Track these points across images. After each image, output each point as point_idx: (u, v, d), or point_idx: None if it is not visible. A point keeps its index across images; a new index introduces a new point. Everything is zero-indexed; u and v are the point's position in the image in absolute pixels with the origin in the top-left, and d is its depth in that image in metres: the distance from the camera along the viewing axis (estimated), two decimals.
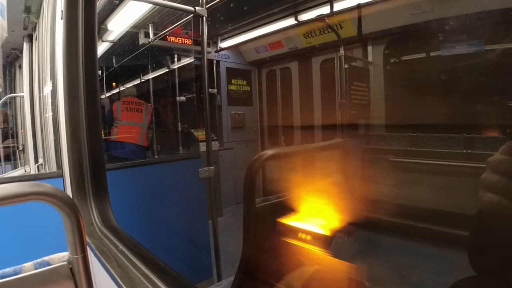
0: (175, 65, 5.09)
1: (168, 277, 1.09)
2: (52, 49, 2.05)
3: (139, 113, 4.71)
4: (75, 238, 0.65)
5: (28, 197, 0.58)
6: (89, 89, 1.67)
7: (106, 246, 1.38)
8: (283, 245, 1.02)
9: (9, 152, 5.03)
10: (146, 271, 1.13)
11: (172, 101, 5.20)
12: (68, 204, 0.62)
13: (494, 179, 0.54)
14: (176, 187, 2.72)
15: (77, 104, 1.66)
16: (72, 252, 0.67)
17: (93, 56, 1.71)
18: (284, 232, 1.11)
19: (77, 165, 1.66)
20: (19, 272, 0.63)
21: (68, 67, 1.66)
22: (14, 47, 4.45)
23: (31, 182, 0.60)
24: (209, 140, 2.59)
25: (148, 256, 1.25)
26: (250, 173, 0.92)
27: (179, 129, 4.91)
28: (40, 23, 3.20)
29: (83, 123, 1.66)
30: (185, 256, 2.73)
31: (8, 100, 5.04)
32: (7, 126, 5.38)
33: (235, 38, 5.24)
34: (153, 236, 2.43)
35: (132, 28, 4.27)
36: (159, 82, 5.61)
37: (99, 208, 1.63)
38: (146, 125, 4.78)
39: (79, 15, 1.64)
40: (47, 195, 0.60)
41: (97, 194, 1.67)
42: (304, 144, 2.81)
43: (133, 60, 5.21)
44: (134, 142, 4.62)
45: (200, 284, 2.68)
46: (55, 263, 0.67)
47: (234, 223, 4.79)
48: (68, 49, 1.65)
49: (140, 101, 4.82)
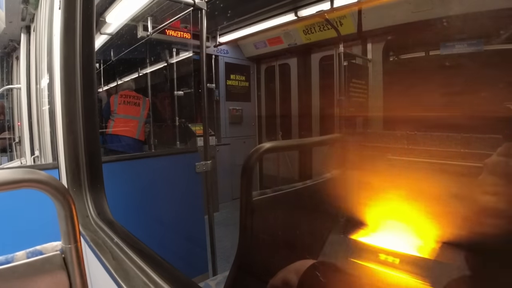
0: (174, 59, 5.06)
1: (163, 270, 1.08)
2: (49, 41, 2.04)
3: (137, 106, 4.69)
4: (68, 227, 0.64)
5: (22, 184, 0.57)
6: (86, 81, 1.66)
7: (101, 238, 1.37)
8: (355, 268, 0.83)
9: (5, 144, 5.01)
10: (141, 263, 1.12)
11: (170, 96, 5.18)
12: (62, 192, 0.61)
13: (492, 181, 0.53)
14: (173, 181, 2.71)
15: (73, 95, 1.64)
16: (65, 242, 0.66)
17: (91, 48, 1.70)
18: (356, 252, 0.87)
19: (73, 157, 1.65)
20: (11, 261, 0.62)
21: (65, 58, 1.64)
22: (12, 39, 4.41)
23: (25, 169, 0.59)
24: (206, 134, 2.58)
25: (143, 249, 1.24)
26: (248, 166, 0.91)
27: (177, 124, 4.89)
28: (38, 14, 3.17)
29: (80, 115, 1.65)
30: (181, 250, 2.73)
31: (5, 91, 5.01)
32: (4, 118, 5.36)
33: (234, 33, 5.22)
34: (148, 230, 2.43)
35: (130, 21, 4.24)
36: (157, 76, 5.58)
37: (94, 200, 1.62)
38: (144, 119, 4.76)
39: (77, 5, 1.62)
40: (40, 183, 0.59)
41: (93, 186, 1.66)
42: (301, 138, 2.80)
43: (131, 54, 5.18)
44: (131, 136, 4.60)
45: (195, 278, 2.68)
46: (48, 253, 0.66)
47: (230, 219, 4.79)
48: (66, 40, 1.64)
49: (138, 95, 4.80)
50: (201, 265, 2.77)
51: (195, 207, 2.81)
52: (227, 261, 3.31)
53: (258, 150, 0.91)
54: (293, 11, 4.32)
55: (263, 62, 6.15)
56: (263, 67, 6.18)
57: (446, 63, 3.47)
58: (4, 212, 1.73)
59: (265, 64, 6.14)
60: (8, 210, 1.75)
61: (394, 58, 4.41)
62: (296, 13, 4.29)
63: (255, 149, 0.91)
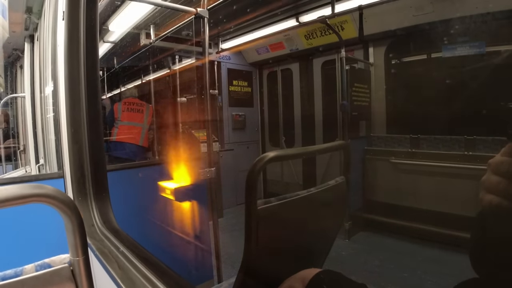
0: (176, 66, 5.09)
1: (169, 278, 1.08)
2: (53, 50, 2.05)
3: (140, 113, 4.72)
4: (76, 240, 0.65)
5: (29, 199, 0.58)
6: (90, 90, 1.67)
7: (107, 248, 1.37)
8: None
9: (10, 153, 5.03)
10: (147, 272, 1.13)
11: (173, 102, 5.20)
12: (69, 205, 0.62)
13: (495, 181, 0.54)
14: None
15: (78, 105, 1.65)
16: (73, 254, 0.66)
17: (95, 57, 1.71)
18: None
19: (78, 166, 1.66)
20: (20, 274, 0.63)
21: (69, 67, 1.65)
22: (16, 48, 4.45)
23: (32, 184, 0.59)
24: (210, 141, 2.59)
25: (148, 258, 1.25)
26: (252, 175, 0.91)
27: (180, 130, 4.90)
28: (42, 24, 3.20)
29: (84, 124, 1.66)
30: (186, 257, 2.73)
31: (9, 100, 5.04)
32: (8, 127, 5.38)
33: (236, 39, 5.25)
34: (153, 237, 2.43)
35: (133, 29, 4.27)
36: (160, 83, 5.61)
37: (100, 209, 1.63)
38: (147, 126, 4.78)
39: (81, 16, 1.64)
40: (48, 197, 0.59)
41: (98, 195, 1.67)
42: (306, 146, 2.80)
43: (134, 61, 5.21)
44: (134, 143, 4.62)
45: (200, 285, 2.68)
46: (56, 265, 0.66)
47: (234, 224, 4.79)
48: (70, 49, 1.65)
49: (141, 102, 4.82)
50: (206, 272, 2.76)
51: (199, 213, 2.81)
52: (233, 267, 3.30)
53: (262, 159, 0.92)
54: (294, 17, 4.34)
55: (265, 67, 6.17)
56: (266, 72, 6.20)
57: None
58: (12, 226, 1.74)
59: (267, 69, 6.16)
60: (16, 224, 1.76)
61: (397, 61, 4.42)
62: (298, 19, 4.31)
63: (259, 159, 0.92)
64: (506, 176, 0.52)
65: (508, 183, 0.52)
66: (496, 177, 0.53)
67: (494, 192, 0.53)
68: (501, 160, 0.53)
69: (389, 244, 3.85)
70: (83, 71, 1.66)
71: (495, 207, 0.53)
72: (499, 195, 0.53)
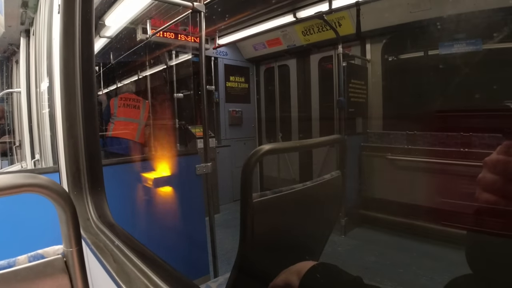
0: (173, 62, 5.07)
1: (164, 272, 1.08)
2: (49, 44, 2.04)
3: (136, 109, 4.70)
4: (69, 230, 0.64)
5: (22, 188, 0.57)
6: (86, 84, 1.66)
7: (102, 242, 1.37)
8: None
9: (6, 148, 5.01)
10: (142, 266, 1.13)
11: (169, 98, 5.19)
12: (63, 196, 0.61)
13: (491, 179, 0.54)
14: (173, 183, 2.71)
15: (73, 99, 1.64)
16: (67, 245, 0.66)
17: (90, 51, 1.70)
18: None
19: (73, 160, 1.65)
20: (13, 265, 0.62)
21: (65, 61, 1.64)
22: (11, 42, 4.43)
23: (26, 174, 0.59)
24: (206, 136, 2.58)
25: (144, 252, 1.24)
26: (248, 167, 0.91)
27: (177, 126, 4.90)
28: (37, 18, 3.18)
29: (80, 118, 1.65)
30: (182, 253, 2.72)
31: (5, 95, 5.02)
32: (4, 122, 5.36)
33: (233, 34, 5.23)
34: (149, 232, 2.43)
35: (129, 24, 4.25)
36: (156, 78, 5.59)
37: (95, 203, 1.62)
38: (143, 121, 4.76)
39: (76, 9, 1.63)
40: (41, 187, 0.59)
41: (94, 189, 1.66)
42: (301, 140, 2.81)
43: (130, 56, 5.19)
44: (130, 139, 4.60)
45: (196, 280, 2.68)
46: (49, 256, 0.66)
47: (231, 220, 4.80)
48: (65, 43, 1.64)
49: (138, 98, 4.80)
50: (202, 267, 2.77)
51: (195, 209, 2.80)
52: (228, 263, 3.31)
53: (258, 152, 0.91)
54: (291, 13, 4.33)
55: (262, 63, 6.16)
56: (263, 68, 6.19)
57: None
58: (5, 217, 1.74)
59: (264, 65, 6.15)
60: (9, 215, 1.75)
61: (393, 58, 4.42)
62: (295, 15, 4.30)
63: (254, 152, 0.91)
64: (502, 175, 0.52)
65: (504, 181, 0.52)
66: (492, 176, 0.53)
67: (490, 191, 0.53)
68: (497, 158, 0.53)
69: (385, 240, 3.87)
70: (79, 65, 1.64)
71: (491, 206, 0.53)
72: (495, 193, 0.53)
